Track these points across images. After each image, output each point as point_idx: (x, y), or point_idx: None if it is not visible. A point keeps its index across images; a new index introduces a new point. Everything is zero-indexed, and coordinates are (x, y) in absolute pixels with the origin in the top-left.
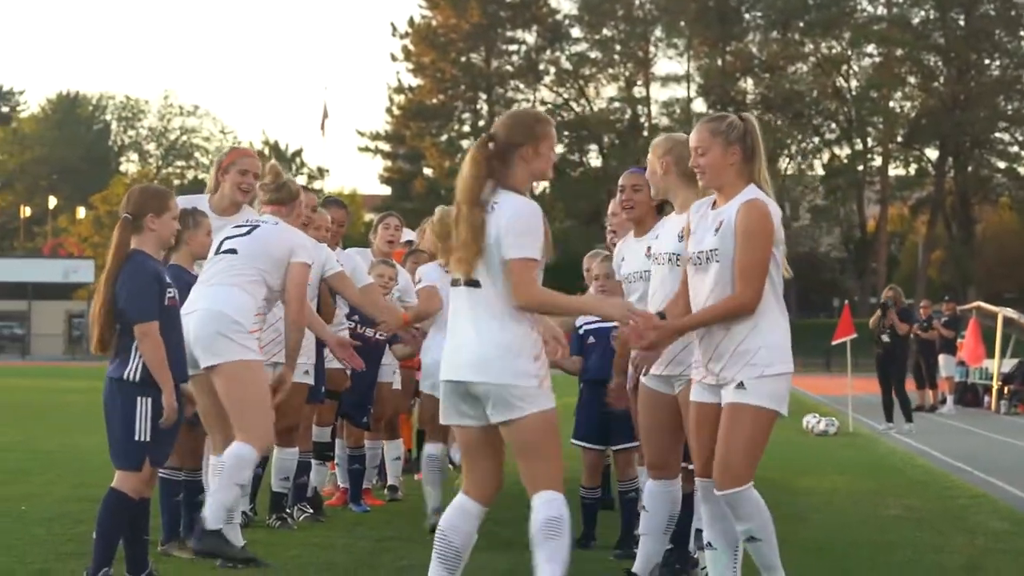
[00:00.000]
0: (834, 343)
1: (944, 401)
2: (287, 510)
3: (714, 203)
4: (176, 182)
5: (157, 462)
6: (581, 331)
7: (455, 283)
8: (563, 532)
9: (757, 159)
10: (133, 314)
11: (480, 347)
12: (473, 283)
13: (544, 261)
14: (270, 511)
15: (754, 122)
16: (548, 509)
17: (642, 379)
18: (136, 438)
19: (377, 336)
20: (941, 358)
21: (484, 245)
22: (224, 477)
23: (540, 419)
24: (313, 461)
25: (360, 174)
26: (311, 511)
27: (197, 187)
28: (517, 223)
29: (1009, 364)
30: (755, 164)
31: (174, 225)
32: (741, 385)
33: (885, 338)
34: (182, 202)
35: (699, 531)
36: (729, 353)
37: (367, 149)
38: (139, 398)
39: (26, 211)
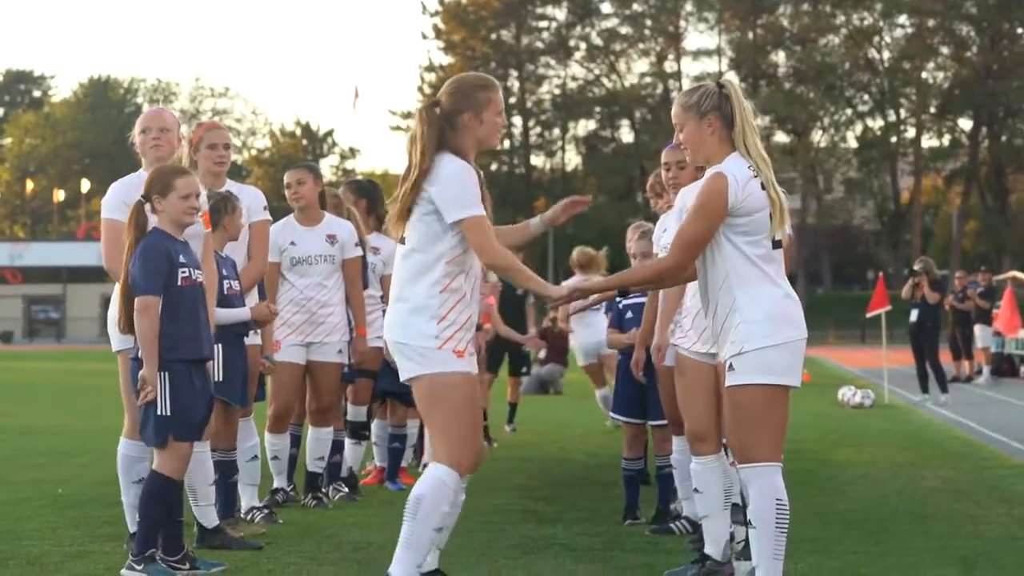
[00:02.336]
0: (869, 315)
1: (980, 372)
2: (322, 489)
3: None
4: None
5: (184, 437)
6: (620, 305)
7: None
8: (418, 514)
9: (738, 125)
10: (135, 288)
11: (391, 305)
12: (402, 240)
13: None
14: (305, 491)
15: (733, 87)
16: (418, 485)
17: (681, 351)
18: (158, 413)
19: None
20: (977, 329)
21: (412, 205)
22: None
23: (433, 382)
24: (348, 440)
25: (392, 153)
26: (346, 490)
27: (231, 170)
28: (450, 186)
29: None
30: (736, 130)
31: (185, 204)
32: (731, 367)
33: (913, 316)
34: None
35: (736, 506)
36: (717, 333)
37: (399, 128)
38: (159, 374)
39: (60, 195)
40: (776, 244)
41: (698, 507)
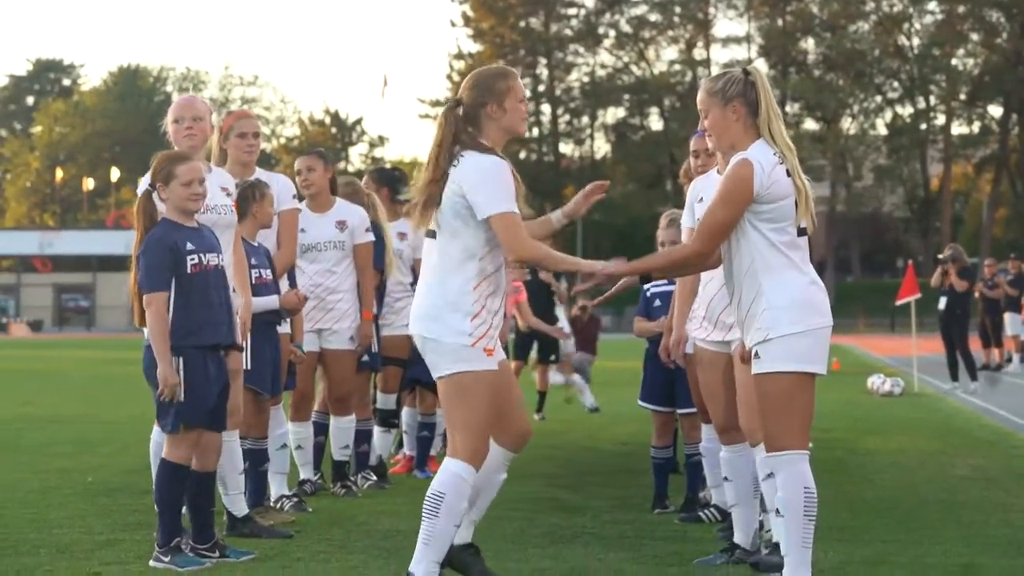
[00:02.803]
0: (898, 303)
1: (1010, 360)
2: (351, 478)
3: None
4: None
5: (195, 424)
6: (648, 293)
7: (427, 234)
8: (439, 512)
9: (763, 112)
10: (142, 284)
11: (422, 298)
12: (431, 234)
13: (520, 213)
14: (333, 479)
15: (758, 74)
16: (435, 482)
17: (699, 343)
18: (175, 400)
19: None
20: (1007, 316)
21: (438, 198)
22: None
23: (464, 380)
24: (377, 428)
25: (421, 141)
26: (375, 479)
27: (261, 159)
28: (481, 182)
29: None
30: (760, 117)
31: (186, 191)
32: (756, 355)
33: (941, 304)
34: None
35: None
36: (742, 321)
37: (427, 116)
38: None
39: (89, 184)
40: (801, 231)
41: (728, 495)
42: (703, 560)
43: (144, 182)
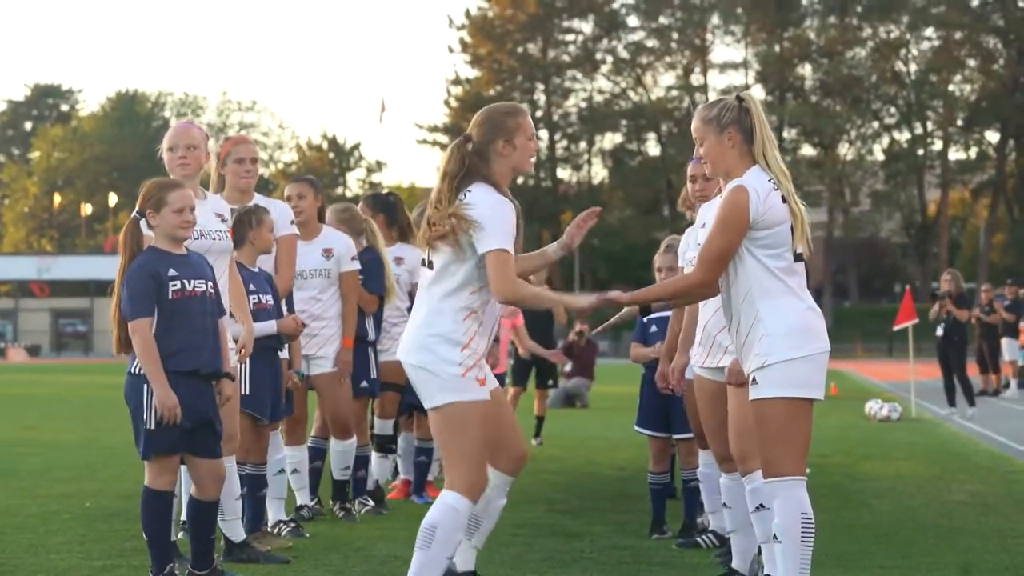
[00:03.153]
0: (896, 328)
1: (1008, 385)
2: (350, 502)
3: None
4: None
5: (164, 450)
6: (644, 320)
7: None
8: (432, 544)
9: (757, 138)
10: (125, 312)
11: (412, 329)
12: (428, 264)
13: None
14: (333, 499)
15: (752, 100)
16: (430, 513)
17: (697, 371)
18: (146, 427)
19: None
20: (1004, 342)
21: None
22: None
23: (455, 410)
24: (375, 454)
25: (418, 167)
26: (372, 504)
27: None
28: (487, 215)
29: None
30: (755, 144)
31: (178, 219)
32: (754, 380)
33: (939, 331)
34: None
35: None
36: (740, 347)
37: (425, 141)
38: (145, 387)
39: (87, 209)
40: (797, 257)
41: (727, 522)
42: None
43: None
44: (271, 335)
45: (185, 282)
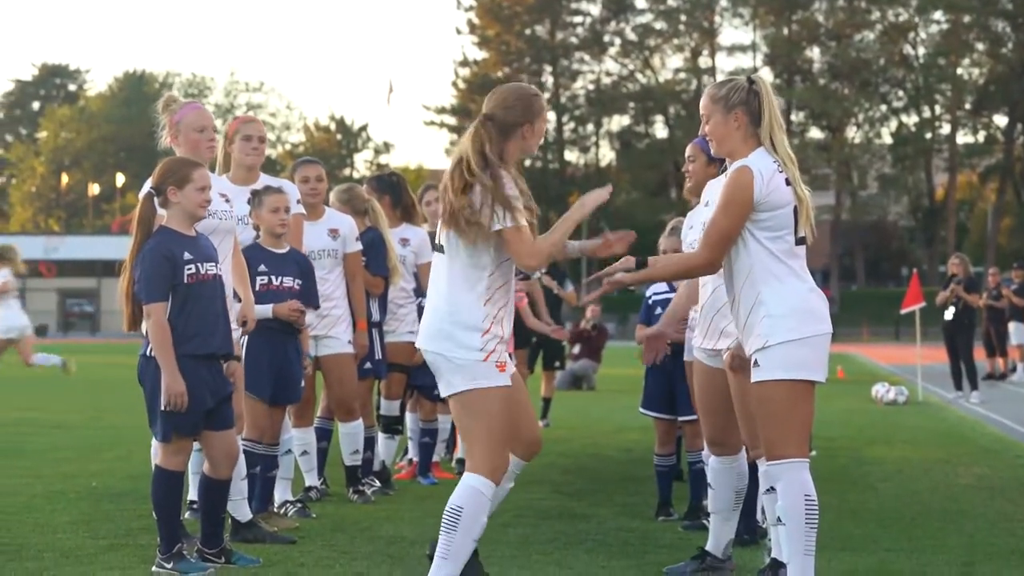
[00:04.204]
0: (903, 312)
1: (1015, 369)
2: (363, 482)
3: None
4: None
5: (184, 432)
6: (650, 301)
7: (434, 248)
8: (458, 526)
9: (765, 121)
10: (140, 295)
11: (431, 315)
12: (439, 248)
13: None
14: (347, 485)
15: (763, 84)
16: (454, 496)
17: (696, 353)
18: (161, 408)
19: None
20: (1011, 325)
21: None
22: None
23: (476, 396)
24: (382, 435)
25: (426, 148)
26: (379, 484)
27: (266, 165)
28: (496, 193)
29: None
30: (763, 127)
31: (200, 196)
32: (756, 363)
33: (948, 315)
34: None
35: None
36: (742, 329)
37: (433, 123)
38: (159, 370)
39: (94, 189)
40: (800, 240)
41: (710, 503)
42: (673, 568)
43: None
44: (271, 317)
45: (199, 265)
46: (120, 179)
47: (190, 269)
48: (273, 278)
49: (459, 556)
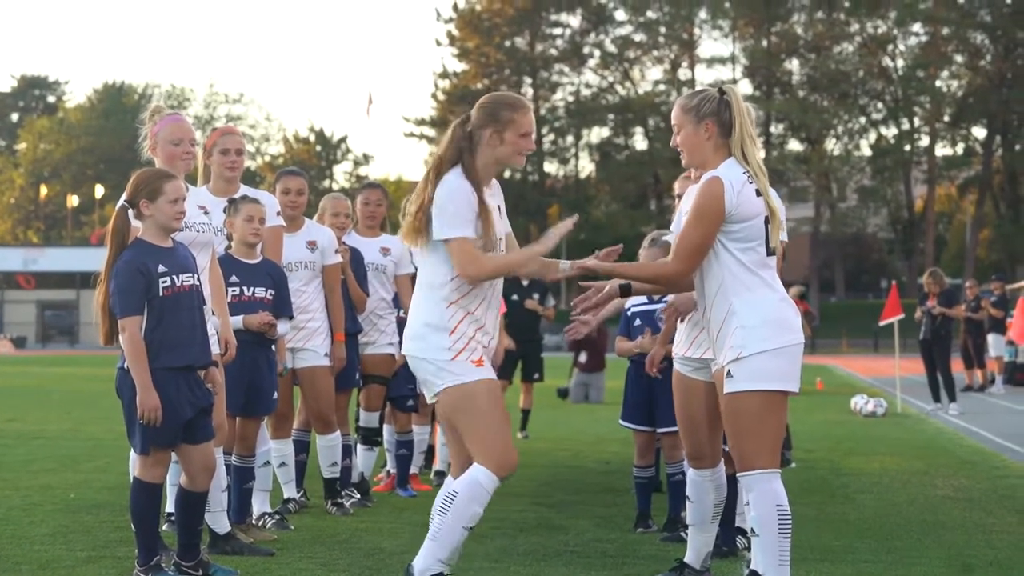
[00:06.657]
0: (882, 324)
1: (993, 381)
2: (342, 496)
3: None
4: None
5: (163, 445)
6: (629, 313)
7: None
8: (449, 510)
9: (736, 132)
10: (115, 308)
11: (410, 319)
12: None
13: (481, 240)
14: (326, 497)
15: (734, 94)
16: (456, 482)
17: (676, 365)
18: (139, 421)
19: None
20: (990, 338)
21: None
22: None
23: (455, 393)
24: (360, 446)
25: (405, 160)
26: (358, 496)
27: (245, 177)
28: (441, 203)
29: None
30: (734, 138)
31: (173, 209)
32: (729, 374)
33: (921, 334)
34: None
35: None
36: (714, 339)
37: (412, 135)
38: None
39: (73, 200)
40: (771, 251)
41: (688, 515)
42: None
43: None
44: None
45: (175, 277)
46: (99, 191)
47: (165, 282)
48: (245, 289)
49: (447, 540)
